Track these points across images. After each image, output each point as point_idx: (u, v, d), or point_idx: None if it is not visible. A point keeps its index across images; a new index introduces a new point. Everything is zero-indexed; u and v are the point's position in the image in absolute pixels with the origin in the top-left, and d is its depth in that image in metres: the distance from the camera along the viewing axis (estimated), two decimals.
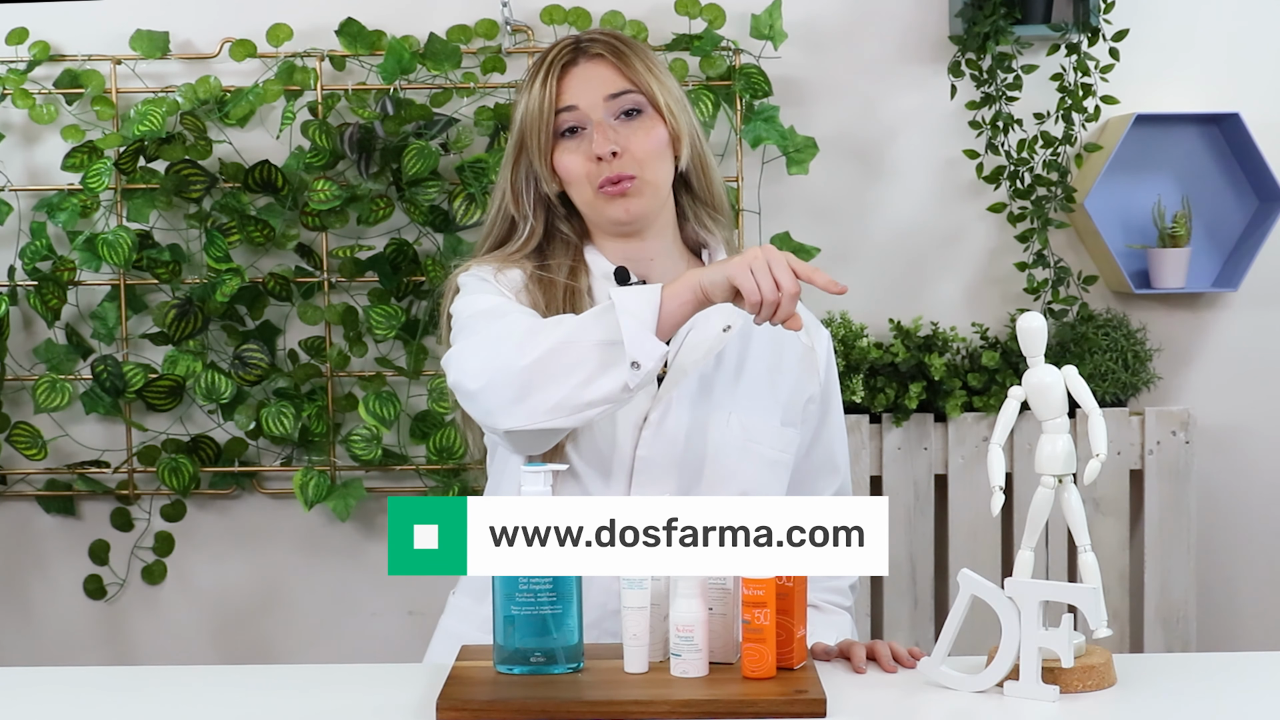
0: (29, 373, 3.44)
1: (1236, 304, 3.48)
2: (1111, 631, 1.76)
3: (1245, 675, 1.82)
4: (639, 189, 1.96)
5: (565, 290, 1.98)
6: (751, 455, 1.96)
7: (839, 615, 2.04)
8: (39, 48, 3.35)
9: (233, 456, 3.43)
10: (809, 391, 2.04)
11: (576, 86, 1.97)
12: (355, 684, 1.79)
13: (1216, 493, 3.49)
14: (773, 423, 1.99)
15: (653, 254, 2.02)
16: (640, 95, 1.98)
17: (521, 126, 2.00)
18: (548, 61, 1.99)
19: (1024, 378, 1.74)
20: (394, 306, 3.32)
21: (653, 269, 2.02)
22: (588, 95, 1.96)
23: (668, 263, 2.03)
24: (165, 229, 3.41)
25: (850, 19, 3.43)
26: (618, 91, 1.97)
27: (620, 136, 1.95)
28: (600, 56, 1.98)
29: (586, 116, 1.96)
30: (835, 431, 2.09)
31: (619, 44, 2.00)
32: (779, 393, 2.01)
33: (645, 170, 1.96)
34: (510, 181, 2.03)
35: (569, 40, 2.01)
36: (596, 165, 1.95)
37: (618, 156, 1.95)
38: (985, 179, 3.36)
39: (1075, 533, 1.73)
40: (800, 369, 2.04)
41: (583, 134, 1.97)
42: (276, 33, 3.33)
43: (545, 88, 1.97)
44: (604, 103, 1.96)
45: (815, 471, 2.07)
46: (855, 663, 1.81)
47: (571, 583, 1.72)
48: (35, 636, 3.51)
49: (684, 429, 1.94)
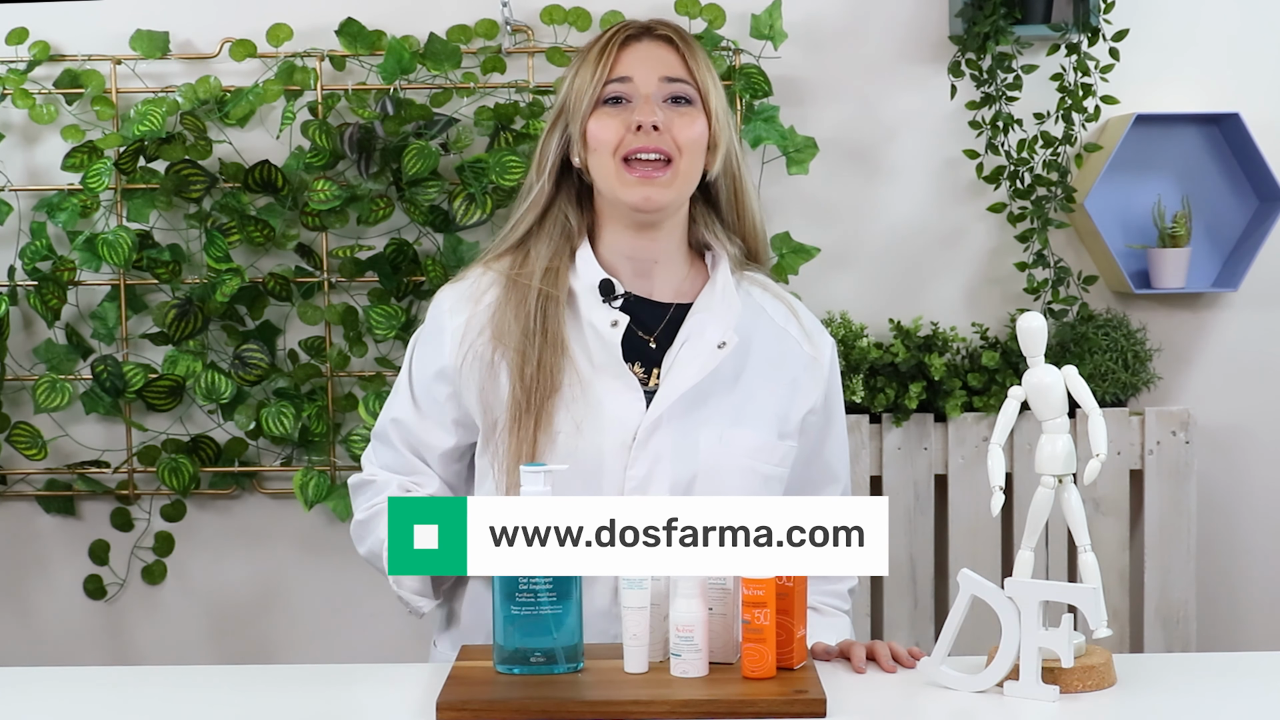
0: (29, 373, 3.44)
1: (1236, 304, 3.48)
2: (1111, 631, 1.76)
3: (1245, 675, 1.82)
4: (670, 178, 1.93)
5: (540, 298, 1.94)
6: (743, 472, 1.94)
7: (838, 618, 2.04)
8: (39, 48, 3.35)
9: (233, 456, 3.43)
10: (810, 403, 2.02)
11: (635, 60, 1.95)
12: (355, 684, 1.79)
13: (1216, 493, 3.49)
14: (768, 437, 1.96)
15: (658, 255, 1.99)
16: (695, 89, 1.96)
17: (567, 92, 1.98)
18: (611, 33, 1.98)
19: (1024, 378, 1.74)
20: (394, 306, 3.32)
21: (655, 271, 2.00)
22: (644, 70, 1.94)
23: (671, 267, 2.00)
24: (165, 229, 3.41)
25: (850, 19, 3.43)
26: (675, 77, 1.95)
27: (666, 117, 1.93)
28: (667, 40, 1.97)
29: (637, 90, 1.94)
30: (837, 441, 2.07)
31: (688, 37, 1.99)
32: (777, 406, 1.98)
33: (682, 158, 1.94)
34: (541, 147, 2.01)
35: (636, 23, 1.99)
36: (633, 134, 1.92)
37: (659, 131, 1.92)
38: (985, 179, 3.36)
39: (1075, 533, 1.73)
40: (802, 380, 2.01)
41: (627, 105, 1.94)
42: (276, 33, 3.33)
43: (604, 56, 1.95)
44: (659, 83, 1.94)
45: (815, 480, 2.05)
46: (855, 663, 1.81)
47: (571, 583, 1.72)
48: (35, 636, 3.51)
49: (673, 447, 1.92)
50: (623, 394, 1.93)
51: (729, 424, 1.94)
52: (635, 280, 2.00)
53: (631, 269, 2.00)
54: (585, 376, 1.92)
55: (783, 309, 2.05)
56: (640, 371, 1.95)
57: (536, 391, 1.90)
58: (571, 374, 1.92)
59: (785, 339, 2.02)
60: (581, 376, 1.92)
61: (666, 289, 2.00)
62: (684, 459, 1.92)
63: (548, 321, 1.93)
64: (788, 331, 2.03)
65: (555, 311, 1.94)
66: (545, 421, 1.90)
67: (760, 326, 2.01)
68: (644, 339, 1.97)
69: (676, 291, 2.01)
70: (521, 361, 1.92)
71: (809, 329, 2.05)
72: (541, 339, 1.92)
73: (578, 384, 1.92)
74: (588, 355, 1.94)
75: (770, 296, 2.05)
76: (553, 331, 1.93)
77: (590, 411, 1.91)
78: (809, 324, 2.05)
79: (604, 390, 1.92)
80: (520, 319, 1.93)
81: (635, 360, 1.96)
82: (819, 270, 3.43)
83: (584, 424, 1.90)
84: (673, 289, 2.01)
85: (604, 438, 1.91)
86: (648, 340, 1.97)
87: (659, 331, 1.98)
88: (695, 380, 1.92)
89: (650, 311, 1.99)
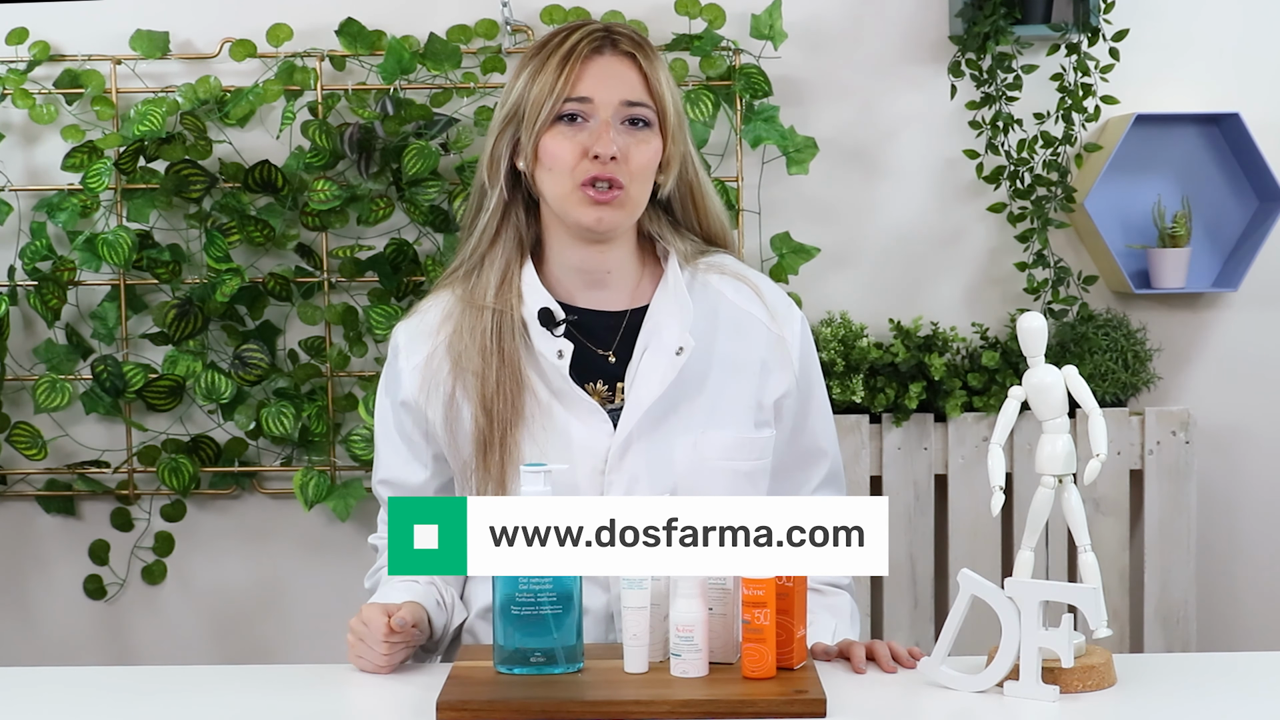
0: (29, 373, 3.44)
1: (1236, 304, 3.48)
2: (1111, 631, 1.76)
3: (1245, 675, 1.82)
4: (622, 202, 1.89)
5: (495, 317, 1.90)
6: (722, 472, 1.92)
7: (838, 596, 2.01)
8: (39, 48, 3.35)
9: (233, 456, 3.43)
10: (783, 387, 1.98)
11: (596, 79, 1.90)
12: (355, 684, 1.79)
13: (1216, 493, 3.49)
14: (744, 432, 1.94)
15: (611, 266, 1.95)
16: (654, 110, 1.92)
17: (521, 97, 1.92)
18: (572, 42, 1.91)
19: (1024, 378, 1.74)
20: (394, 306, 3.32)
21: (609, 281, 1.96)
22: (605, 92, 1.90)
23: (624, 274, 1.97)
24: (165, 229, 3.41)
25: (850, 19, 3.43)
26: (636, 101, 1.91)
27: (622, 144, 1.89)
28: (629, 56, 1.92)
29: (595, 111, 1.89)
30: (819, 417, 2.02)
31: (649, 50, 1.94)
32: (748, 396, 1.95)
33: (634, 184, 1.90)
34: (491, 149, 1.95)
35: (598, 28, 1.93)
36: (589, 161, 1.88)
37: (615, 161, 1.88)
38: (985, 179, 3.36)
39: (1075, 533, 1.73)
40: (770, 363, 1.97)
41: (583, 124, 1.90)
42: (276, 33, 3.33)
43: (564, 68, 1.89)
44: (618, 106, 1.90)
45: (802, 459, 2.01)
46: (855, 663, 1.80)
47: (571, 583, 1.71)
48: (35, 636, 3.51)
49: (647, 464, 1.90)
50: (587, 419, 1.90)
51: (702, 427, 1.92)
52: (588, 292, 1.96)
53: (583, 281, 1.96)
54: (545, 404, 1.90)
55: (745, 289, 2.00)
56: (604, 389, 1.93)
57: (498, 419, 1.87)
58: (533, 403, 1.89)
59: (748, 322, 1.98)
60: (542, 405, 1.90)
61: (621, 296, 1.97)
62: (660, 473, 1.90)
63: (503, 342, 1.90)
64: (751, 313, 1.98)
65: (510, 331, 1.91)
66: (511, 454, 1.87)
67: (720, 316, 1.97)
68: (602, 355, 1.94)
69: (631, 297, 1.97)
70: (481, 385, 1.89)
71: (773, 307, 2.00)
72: (499, 360, 1.89)
73: (539, 414, 1.89)
74: (545, 382, 1.91)
75: (729, 279, 2.00)
76: (509, 354, 1.90)
77: (556, 440, 1.89)
78: (773, 301, 2.00)
79: (567, 418, 1.90)
80: (476, 339, 1.90)
81: (596, 378, 1.93)
82: (819, 270, 3.43)
83: (551, 454, 1.88)
84: (627, 295, 1.97)
85: (575, 466, 1.89)
86: (606, 356, 1.94)
87: (616, 343, 1.95)
88: (658, 393, 1.90)
89: (604, 323, 1.95)
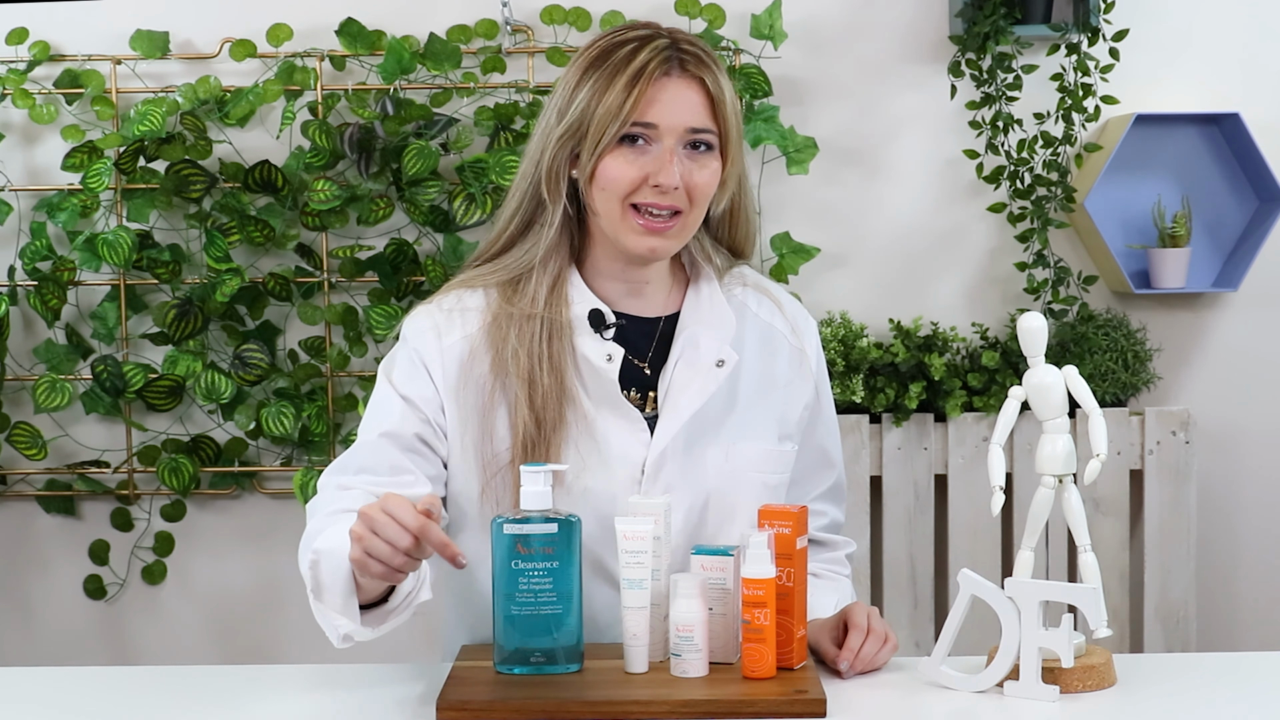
0: (29, 373, 3.44)
1: (1236, 304, 3.48)
2: (1111, 631, 1.76)
3: (1245, 675, 1.82)
4: (679, 230, 1.87)
5: (545, 325, 1.88)
6: (753, 485, 1.91)
7: (840, 581, 2.03)
8: (39, 48, 3.35)
9: (233, 456, 3.43)
10: (804, 399, 1.99)
11: (663, 104, 1.85)
12: (355, 684, 1.79)
13: (1216, 493, 3.49)
14: (770, 444, 1.94)
15: (650, 276, 1.94)
16: (717, 135, 1.88)
17: (585, 114, 1.86)
18: (640, 62, 1.85)
19: (1024, 378, 1.74)
20: (394, 306, 3.32)
21: (645, 290, 1.94)
22: (671, 118, 1.85)
23: (659, 286, 1.96)
24: (165, 229, 3.41)
25: (850, 19, 3.43)
26: (701, 128, 1.87)
27: (684, 169, 1.86)
28: (698, 80, 1.87)
29: (660, 137, 1.85)
30: (827, 427, 2.04)
31: (715, 69, 1.89)
32: (775, 410, 1.96)
33: (693, 210, 1.87)
34: (549, 162, 1.89)
35: (665, 43, 1.87)
36: (650, 188, 1.85)
37: (677, 190, 1.85)
38: (985, 179, 3.36)
39: (1075, 533, 1.73)
40: (793, 377, 1.98)
41: (645, 148, 1.85)
42: (276, 33, 3.33)
43: (633, 90, 1.84)
44: (684, 132, 1.86)
45: (810, 469, 2.03)
46: (851, 631, 1.79)
47: (572, 583, 1.71)
48: (35, 636, 3.51)
49: (682, 475, 1.89)
50: (627, 430, 1.88)
51: (732, 439, 1.92)
52: (626, 300, 1.95)
53: (623, 290, 1.94)
54: (587, 412, 1.88)
55: (767, 303, 2.01)
56: (636, 397, 1.92)
57: (545, 424, 1.85)
58: (573, 409, 1.87)
59: (772, 336, 1.99)
60: (583, 413, 1.88)
61: (655, 304, 1.96)
62: (694, 485, 1.90)
63: (551, 347, 1.88)
64: (774, 327, 1.99)
65: (559, 336, 1.88)
66: (553, 460, 1.84)
67: (748, 331, 1.98)
68: (639, 366, 1.93)
69: (664, 304, 1.97)
70: (530, 391, 1.86)
71: (793, 320, 2.01)
72: (548, 365, 1.87)
73: (581, 419, 1.87)
74: (585, 389, 1.89)
75: (752, 291, 2.01)
76: (556, 360, 1.87)
77: (596, 449, 1.87)
78: (793, 314, 2.01)
79: (607, 426, 1.88)
80: (525, 344, 1.88)
81: (630, 386, 1.92)
82: (819, 270, 3.43)
83: (591, 462, 1.86)
84: (661, 302, 1.97)
85: (613, 475, 1.87)
86: (642, 366, 1.93)
87: (651, 351, 1.94)
88: (698, 405, 1.89)
89: (640, 329, 1.94)
